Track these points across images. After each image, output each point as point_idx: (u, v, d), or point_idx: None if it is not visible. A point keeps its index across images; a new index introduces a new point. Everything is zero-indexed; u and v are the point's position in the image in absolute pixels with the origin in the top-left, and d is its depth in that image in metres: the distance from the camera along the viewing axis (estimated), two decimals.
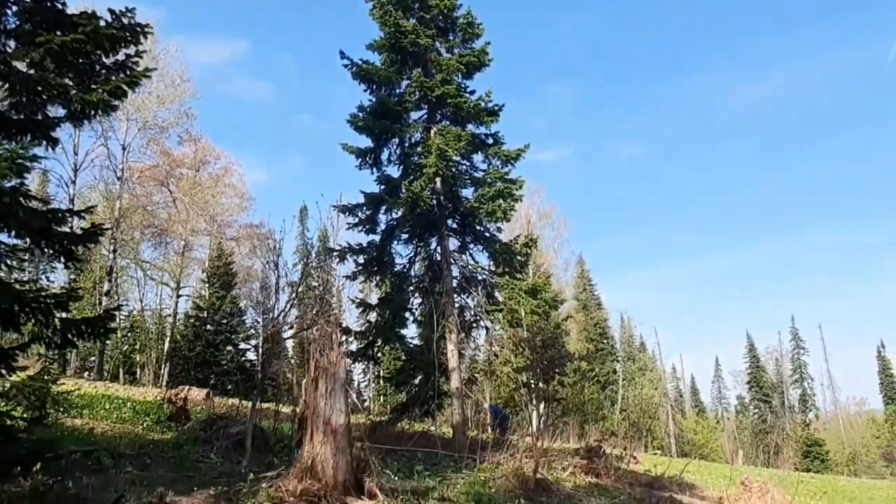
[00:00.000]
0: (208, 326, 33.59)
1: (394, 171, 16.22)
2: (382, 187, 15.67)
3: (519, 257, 16.33)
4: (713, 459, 41.43)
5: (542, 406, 19.55)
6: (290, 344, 31.36)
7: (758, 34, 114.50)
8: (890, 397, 60.76)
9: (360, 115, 15.50)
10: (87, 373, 30.28)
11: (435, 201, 15.51)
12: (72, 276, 30.72)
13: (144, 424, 11.96)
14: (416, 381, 16.17)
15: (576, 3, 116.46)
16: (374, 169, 16.17)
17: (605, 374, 46.74)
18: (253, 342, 35.78)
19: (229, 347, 34.63)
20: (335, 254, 15.54)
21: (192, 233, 34.26)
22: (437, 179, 15.28)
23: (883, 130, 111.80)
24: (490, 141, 16.25)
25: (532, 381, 17.71)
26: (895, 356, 60.82)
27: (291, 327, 10.30)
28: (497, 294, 16.73)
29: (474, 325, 17.07)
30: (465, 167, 16.44)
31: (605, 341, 49.29)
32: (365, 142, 15.98)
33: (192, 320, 34.54)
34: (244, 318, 38.57)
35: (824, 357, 64.76)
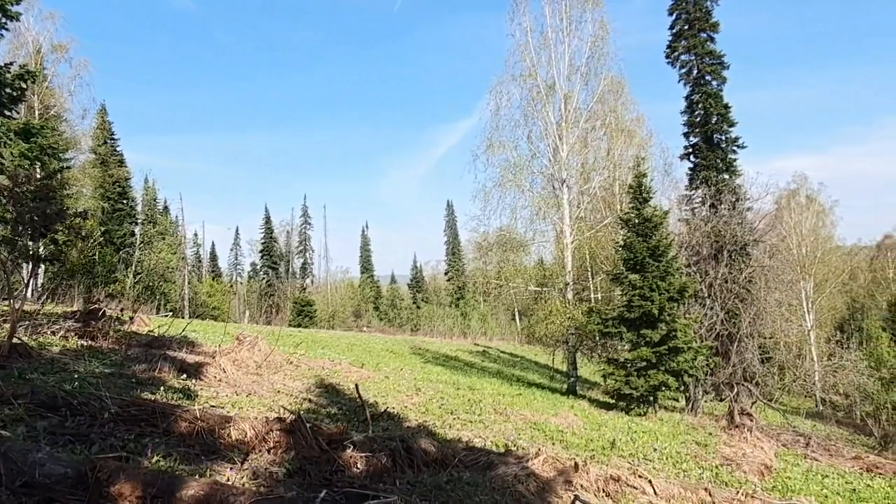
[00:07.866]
0: None
1: None
2: None
3: (10, 90, 13.36)
4: (224, 320, 44.59)
5: (31, 267, 17.20)
6: None
7: None
8: (365, 268, 77.38)
9: None
10: None
11: None
12: None
13: None
14: None
15: None
16: None
17: (121, 236, 43.61)
18: None
19: None
20: None
21: None
22: None
23: None
24: None
25: (16, 238, 15.20)
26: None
27: None
28: None
29: None
30: None
31: (124, 202, 45.58)
32: None
33: None
34: None
35: (325, 233, 77.45)
